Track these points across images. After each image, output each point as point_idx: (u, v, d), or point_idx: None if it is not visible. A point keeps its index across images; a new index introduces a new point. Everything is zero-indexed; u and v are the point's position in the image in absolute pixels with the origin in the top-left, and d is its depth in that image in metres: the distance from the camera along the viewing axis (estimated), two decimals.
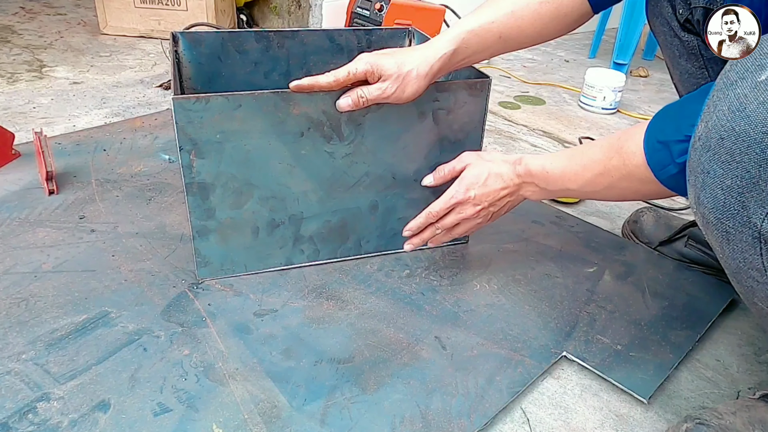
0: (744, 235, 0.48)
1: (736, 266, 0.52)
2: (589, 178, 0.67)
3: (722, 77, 0.49)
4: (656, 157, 0.58)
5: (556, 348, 0.75)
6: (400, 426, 0.63)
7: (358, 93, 0.74)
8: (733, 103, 0.46)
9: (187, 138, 0.71)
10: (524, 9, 0.75)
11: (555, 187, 0.73)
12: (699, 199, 0.51)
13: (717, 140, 0.47)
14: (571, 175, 0.70)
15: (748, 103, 0.45)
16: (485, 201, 0.77)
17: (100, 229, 0.92)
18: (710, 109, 0.49)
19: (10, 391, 0.64)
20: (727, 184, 0.47)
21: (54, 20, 2.07)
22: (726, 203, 0.48)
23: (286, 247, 0.84)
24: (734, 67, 0.48)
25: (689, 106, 0.56)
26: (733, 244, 0.50)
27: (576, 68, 2.05)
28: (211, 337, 0.73)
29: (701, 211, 0.51)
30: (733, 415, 0.62)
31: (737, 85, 0.47)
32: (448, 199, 0.79)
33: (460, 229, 0.82)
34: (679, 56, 0.80)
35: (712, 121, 0.48)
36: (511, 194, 0.77)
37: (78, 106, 1.39)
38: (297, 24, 2.04)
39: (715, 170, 0.48)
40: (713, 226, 0.51)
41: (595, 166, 0.66)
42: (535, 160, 0.74)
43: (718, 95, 0.48)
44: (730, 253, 0.51)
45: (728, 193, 0.47)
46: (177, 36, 0.92)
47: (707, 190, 0.49)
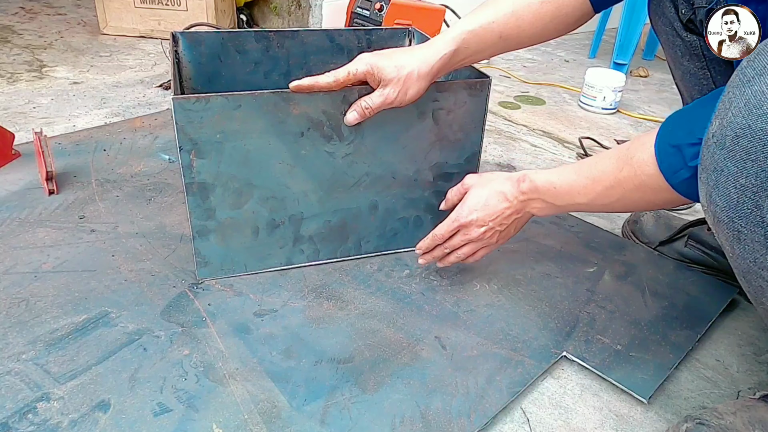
0: (756, 235, 0.48)
1: (746, 266, 0.52)
2: (599, 191, 0.65)
3: (738, 74, 0.48)
4: (668, 162, 0.57)
5: (556, 348, 0.75)
6: (400, 426, 0.63)
7: (362, 105, 0.74)
8: (750, 100, 0.45)
9: (187, 138, 0.71)
10: (525, 9, 0.75)
11: (563, 202, 0.70)
12: (711, 197, 0.50)
13: (732, 138, 0.46)
14: (580, 189, 0.67)
15: (765, 101, 0.44)
16: (489, 222, 0.75)
17: (100, 229, 0.92)
18: (725, 105, 0.48)
19: (10, 391, 0.64)
20: (741, 183, 0.46)
21: (54, 20, 2.07)
22: (739, 202, 0.47)
23: (286, 247, 0.84)
24: (751, 64, 0.47)
25: (702, 110, 0.55)
26: (744, 243, 0.49)
27: (576, 68, 2.05)
28: (211, 337, 0.73)
29: (713, 210, 0.51)
30: (733, 415, 0.62)
31: (754, 82, 0.45)
32: (451, 222, 0.77)
33: (467, 250, 0.79)
34: (681, 56, 0.80)
35: (727, 119, 0.47)
36: (517, 212, 0.75)
37: (78, 106, 1.40)
38: (297, 24, 2.04)
39: (729, 168, 0.47)
40: (725, 225, 0.50)
41: (605, 178, 0.64)
42: (540, 175, 0.71)
43: (734, 92, 0.47)
44: (741, 252, 0.50)
45: (742, 191, 0.47)
46: (177, 36, 0.92)
47: (720, 189, 0.48)
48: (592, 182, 0.66)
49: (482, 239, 0.77)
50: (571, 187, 0.68)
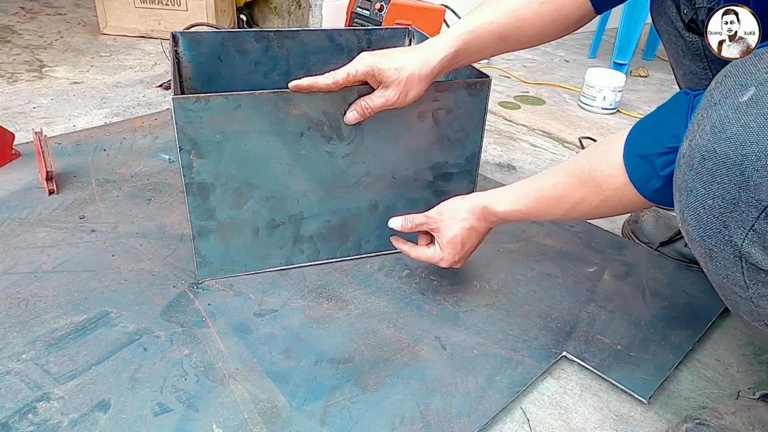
0: (726, 253, 0.49)
1: (720, 282, 0.53)
2: (567, 209, 0.66)
3: (707, 95, 0.49)
4: (639, 173, 0.58)
5: (556, 348, 0.75)
6: (400, 426, 0.63)
7: (362, 104, 0.74)
8: (715, 124, 0.46)
9: (187, 138, 0.71)
10: (525, 9, 0.74)
11: (534, 220, 0.74)
12: (683, 216, 0.51)
13: (699, 160, 0.47)
14: (547, 210, 0.68)
15: (729, 125, 0.45)
16: (467, 255, 0.79)
17: (100, 229, 0.92)
18: (694, 127, 0.49)
19: (10, 391, 0.64)
20: (709, 204, 0.48)
21: (54, 20, 2.07)
22: (708, 222, 0.48)
23: (286, 247, 0.84)
24: (718, 86, 0.48)
25: (666, 118, 0.56)
26: (716, 261, 0.51)
27: (576, 68, 2.05)
28: (211, 337, 0.73)
29: (686, 228, 0.52)
30: (732, 415, 0.62)
31: (720, 106, 0.47)
32: (435, 259, 0.78)
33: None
34: (683, 56, 0.80)
35: (695, 141, 0.48)
36: (486, 235, 0.78)
37: (78, 106, 1.39)
38: (297, 24, 2.04)
39: (698, 189, 0.48)
40: (697, 243, 0.51)
41: (571, 196, 0.65)
42: (502, 204, 0.72)
43: (703, 114, 0.48)
44: (714, 269, 0.52)
45: (710, 212, 0.48)
46: (177, 36, 0.92)
47: (690, 208, 0.50)
48: (557, 203, 0.67)
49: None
50: (538, 211, 0.70)
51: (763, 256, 0.46)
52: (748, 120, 0.44)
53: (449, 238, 0.76)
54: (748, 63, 0.47)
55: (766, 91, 0.44)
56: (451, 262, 0.78)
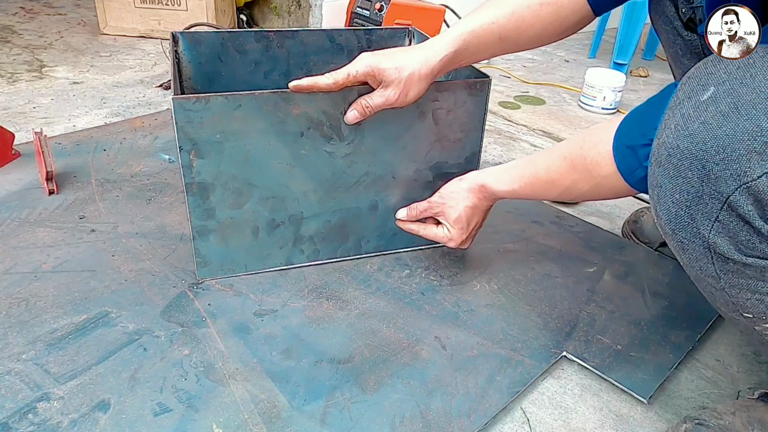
0: (696, 245, 0.51)
1: (695, 274, 0.55)
2: (560, 192, 0.69)
3: (675, 95, 0.52)
4: (626, 163, 0.59)
5: (556, 348, 0.75)
6: (400, 426, 0.63)
7: (362, 103, 0.74)
8: (678, 122, 0.49)
9: (187, 138, 0.71)
10: (525, 9, 0.74)
11: (530, 199, 0.78)
12: (657, 211, 0.53)
13: (666, 156, 0.50)
14: (541, 192, 0.72)
15: (691, 123, 0.48)
16: (474, 234, 0.83)
17: (100, 229, 0.92)
18: (662, 126, 0.51)
19: (10, 391, 0.64)
20: (677, 198, 0.50)
21: (54, 20, 2.07)
22: (678, 215, 0.51)
23: (286, 247, 0.84)
24: (683, 87, 0.51)
25: (652, 110, 0.57)
26: (688, 253, 0.53)
27: (576, 68, 2.05)
28: (211, 337, 0.73)
29: (660, 223, 0.54)
30: (732, 415, 0.62)
31: (683, 105, 0.49)
32: (444, 239, 0.82)
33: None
34: (681, 55, 0.80)
35: (662, 139, 0.51)
36: (488, 212, 0.82)
37: (78, 106, 1.40)
38: (297, 24, 2.04)
39: (666, 184, 0.51)
40: (670, 237, 0.53)
41: (562, 180, 0.68)
42: (499, 184, 0.76)
43: (669, 114, 0.51)
44: (688, 261, 0.54)
45: (678, 206, 0.50)
46: (177, 36, 0.92)
47: (661, 203, 0.52)
48: (551, 185, 0.70)
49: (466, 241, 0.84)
50: (533, 191, 0.73)
51: (729, 246, 0.49)
52: (707, 117, 0.47)
53: (455, 218, 0.80)
54: (710, 64, 0.50)
55: (725, 89, 0.47)
56: (459, 241, 0.81)
